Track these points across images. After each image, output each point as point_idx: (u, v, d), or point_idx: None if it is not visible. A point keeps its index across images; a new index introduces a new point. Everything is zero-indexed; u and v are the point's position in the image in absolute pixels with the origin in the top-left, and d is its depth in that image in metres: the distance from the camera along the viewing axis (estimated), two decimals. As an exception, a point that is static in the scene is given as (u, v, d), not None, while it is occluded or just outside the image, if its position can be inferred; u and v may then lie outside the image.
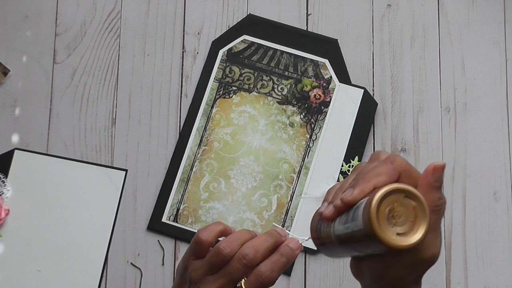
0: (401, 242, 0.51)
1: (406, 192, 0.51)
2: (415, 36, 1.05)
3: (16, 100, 1.03)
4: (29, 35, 1.06)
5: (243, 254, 0.63)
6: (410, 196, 0.51)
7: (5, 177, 0.99)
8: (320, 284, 0.97)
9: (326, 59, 1.04)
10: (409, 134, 1.02)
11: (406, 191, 0.51)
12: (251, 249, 0.63)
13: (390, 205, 0.51)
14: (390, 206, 0.51)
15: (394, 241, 0.51)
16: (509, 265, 0.98)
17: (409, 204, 0.51)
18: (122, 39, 1.06)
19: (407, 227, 0.51)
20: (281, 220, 0.98)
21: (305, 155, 1.01)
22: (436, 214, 0.54)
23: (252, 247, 0.63)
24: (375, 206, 0.51)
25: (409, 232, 0.51)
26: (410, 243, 0.51)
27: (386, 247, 0.51)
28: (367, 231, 0.51)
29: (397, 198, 0.51)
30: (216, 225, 0.67)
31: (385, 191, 0.51)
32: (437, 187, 0.53)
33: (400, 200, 0.51)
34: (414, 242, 0.51)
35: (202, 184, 1.00)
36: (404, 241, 0.51)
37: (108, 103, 1.03)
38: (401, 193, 0.51)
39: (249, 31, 1.05)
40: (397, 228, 0.51)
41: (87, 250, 0.97)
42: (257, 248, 0.63)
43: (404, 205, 0.51)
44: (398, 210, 0.51)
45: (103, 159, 1.01)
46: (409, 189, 0.51)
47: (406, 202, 0.51)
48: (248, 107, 1.03)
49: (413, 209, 0.51)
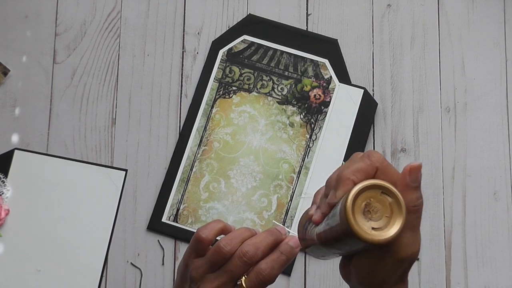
0: (376, 237, 0.51)
1: (382, 188, 0.52)
2: (415, 36, 1.05)
3: (16, 100, 1.03)
4: (29, 35, 1.06)
5: (244, 251, 0.63)
6: (387, 192, 0.52)
7: (5, 177, 0.99)
8: (320, 284, 0.97)
9: (326, 59, 1.04)
10: (409, 134, 1.02)
11: (383, 187, 0.52)
12: (251, 246, 0.63)
13: (366, 200, 0.52)
14: (366, 201, 0.52)
15: (369, 235, 0.51)
16: (509, 265, 0.98)
17: (386, 200, 0.52)
18: (122, 39, 1.06)
19: (383, 222, 0.52)
20: (281, 220, 0.99)
21: (305, 155, 1.01)
22: (414, 214, 0.54)
23: (253, 245, 0.64)
24: (351, 200, 0.51)
25: (384, 227, 0.52)
26: (385, 238, 0.51)
27: (361, 241, 0.51)
28: (343, 226, 0.52)
29: (373, 193, 0.52)
30: (216, 223, 0.67)
31: (362, 187, 0.52)
32: (415, 187, 0.54)
33: (376, 195, 0.52)
34: (388, 237, 0.51)
35: (202, 184, 1.00)
36: (379, 236, 0.51)
37: (108, 103, 1.03)
38: (378, 189, 0.52)
39: (249, 31, 1.05)
40: (373, 223, 0.52)
41: (87, 250, 0.97)
42: (258, 245, 0.64)
43: (380, 201, 0.52)
44: (375, 206, 0.52)
45: (103, 159, 1.01)
46: (385, 185, 0.52)
47: (382, 198, 0.52)
48: (248, 107, 1.03)
49: (389, 205, 0.52)
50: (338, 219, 0.53)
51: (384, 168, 0.55)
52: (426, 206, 0.99)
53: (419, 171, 0.53)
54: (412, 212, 0.54)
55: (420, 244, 0.57)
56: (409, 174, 0.53)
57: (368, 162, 0.55)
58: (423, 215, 1.03)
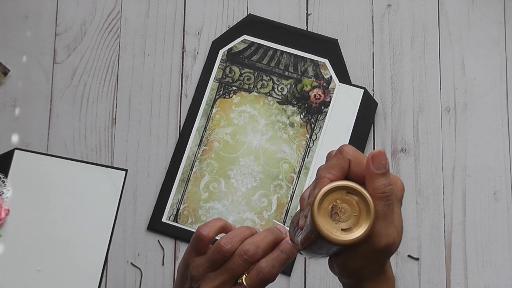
0: (345, 238, 0.51)
1: (347, 188, 0.52)
2: (415, 36, 1.05)
3: (16, 100, 1.03)
4: (29, 35, 1.06)
5: (244, 250, 0.63)
6: (352, 192, 0.52)
7: (5, 177, 0.99)
8: (320, 284, 0.97)
9: (326, 59, 1.04)
10: (409, 134, 1.02)
11: (347, 187, 0.52)
12: (252, 245, 0.63)
13: (332, 202, 0.52)
14: (333, 203, 0.52)
15: (338, 237, 0.51)
16: (509, 265, 0.98)
17: (352, 199, 0.52)
18: (122, 39, 1.06)
19: (352, 222, 0.52)
20: (281, 220, 0.99)
21: (305, 155, 1.01)
22: (384, 201, 0.53)
23: (253, 243, 0.64)
24: (316, 205, 0.52)
25: (353, 227, 0.52)
26: (353, 238, 0.51)
27: (331, 244, 0.52)
28: (314, 231, 0.52)
29: (339, 195, 0.52)
30: (216, 221, 0.67)
31: (325, 191, 0.52)
32: (381, 174, 0.53)
33: (342, 196, 0.52)
34: (357, 237, 0.51)
35: (202, 184, 1.00)
36: (348, 237, 0.51)
37: (108, 103, 1.04)
38: (342, 189, 0.52)
39: (249, 31, 1.05)
40: (342, 224, 0.52)
41: (87, 250, 0.97)
42: (258, 244, 0.64)
43: (347, 201, 0.52)
44: (342, 207, 0.52)
45: (103, 159, 1.01)
46: (349, 185, 0.52)
47: (348, 198, 0.52)
48: (248, 107, 1.03)
49: (356, 204, 0.52)
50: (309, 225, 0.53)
51: (356, 159, 0.55)
52: (426, 206, 0.99)
53: (382, 157, 0.53)
54: (380, 199, 0.53)
55: (399, 235, 0.56)
56: (372, 161, 0.53)
57: (340, 156, 0.55)
58: (423, 214, 1.03)
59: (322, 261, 0.97)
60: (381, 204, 0.53)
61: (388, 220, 0.54)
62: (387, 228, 0.54)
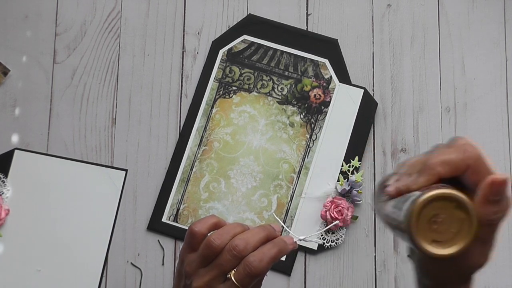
0: (433, 250, 0.48)
1: (458, 202, 0.48)
2: (415, 36, 1.05)
3: (16, 100, 1.03)
4: (29, 35, 1.06)
5: (233, 245, 0.62)
6: (461, 207, 0.48)
7: (5, 177, 0.99)
8: (320, 284, 0.97)
9: (326, 59, 1.04)
10: (409, 134, 1.02)
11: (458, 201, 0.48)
12: (241, 240, 0.63)
13: (436, 210, 0.48)
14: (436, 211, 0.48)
15: (427, 247, 0.48)
16: (509, 265, 0.98)
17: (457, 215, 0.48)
18: (122, 39, 1.06)
19: (447, 236, 0.48)
20: (281, 220, 0.98)
21: (305, 155, 1.01)
22: (488, 228, 0.50)
23: (243, 239, 0.63)
24: (420, 206, 0.48)
25: (446, 242, 0.48)
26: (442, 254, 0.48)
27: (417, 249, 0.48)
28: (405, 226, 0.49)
29: (446, 205, 0.48)
30: (209, 218, 0.67)
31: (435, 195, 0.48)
32: (495, 201, 0.49)
33: (449, 208, 0.48)
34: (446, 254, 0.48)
35: (202, 184, 1.00)
36: (437, 250, 0.48)
37: (108, 103, 1.03)
38: (454, 201, 0.48)
39: (249, 31, 1.05)
40: (436, 235, 0.48)
41: (87, 250, 0.97)
42: (248, 240, 0.63)
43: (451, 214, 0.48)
44: (443, 217, 0.48)
45: (103, 159, 1.01)
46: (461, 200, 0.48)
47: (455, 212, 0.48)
48: (248, 107, 1.03)
49: (459, 220, 0.48)
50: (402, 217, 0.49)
51: (476, 167, 0.51)
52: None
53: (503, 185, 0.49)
54: (486, 226, 0.50)
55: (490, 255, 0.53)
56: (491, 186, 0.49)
57: (461, 156, 0.51)
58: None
59: (322, 261, 0.97)
60: (485, 230, 0.50)
61: (487, 243, 0.52)
62: (482, 251, 0.52)
